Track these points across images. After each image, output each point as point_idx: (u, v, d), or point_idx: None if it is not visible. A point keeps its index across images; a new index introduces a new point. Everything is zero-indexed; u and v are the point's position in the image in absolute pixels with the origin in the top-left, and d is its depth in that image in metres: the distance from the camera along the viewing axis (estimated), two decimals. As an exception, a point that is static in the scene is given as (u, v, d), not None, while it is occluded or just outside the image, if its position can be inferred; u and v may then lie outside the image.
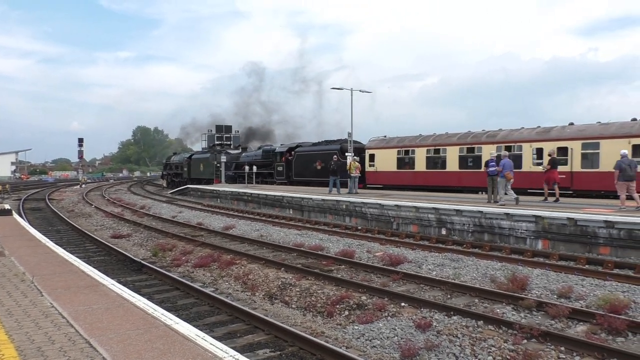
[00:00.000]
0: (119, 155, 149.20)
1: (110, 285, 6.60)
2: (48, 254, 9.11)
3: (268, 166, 36.35)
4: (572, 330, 6.83)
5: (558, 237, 12.70)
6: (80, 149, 50.41)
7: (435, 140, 25.27)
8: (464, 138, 23.88)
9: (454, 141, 24.11)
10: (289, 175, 33.92)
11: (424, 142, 25.73)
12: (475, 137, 23.44)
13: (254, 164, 37.92)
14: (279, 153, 35.31)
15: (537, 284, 9.04)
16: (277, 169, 34.98)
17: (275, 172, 35.22)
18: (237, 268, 10.97)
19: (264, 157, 37.55)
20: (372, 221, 18.13)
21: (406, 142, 26.77)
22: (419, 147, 25.67)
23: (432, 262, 11.19)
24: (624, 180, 13.48)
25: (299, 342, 6.33)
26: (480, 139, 23.10)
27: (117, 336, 4.53)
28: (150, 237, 16.06)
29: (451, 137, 24.58)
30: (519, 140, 21.60)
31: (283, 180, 34.27)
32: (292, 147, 34.81)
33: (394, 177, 26.80)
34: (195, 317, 7.62)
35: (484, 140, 22.80)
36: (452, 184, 23.65)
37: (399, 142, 27.21)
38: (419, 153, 25.57)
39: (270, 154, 36.76)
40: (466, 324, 6.98)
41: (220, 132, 52.36)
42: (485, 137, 22.95)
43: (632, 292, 8.36)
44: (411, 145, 26.21)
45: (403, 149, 26.58)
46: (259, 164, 36.97)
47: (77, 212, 24.88)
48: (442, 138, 25.02)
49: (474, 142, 23.28)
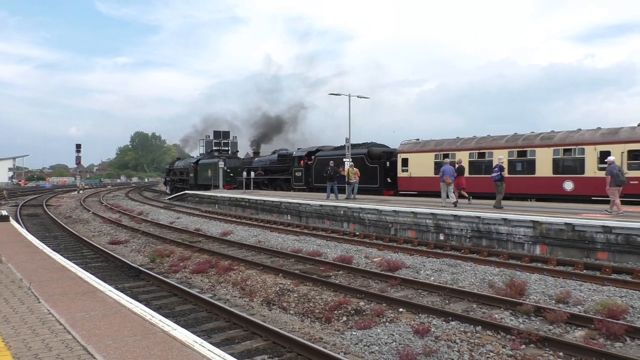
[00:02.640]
0: (116, 161, 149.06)
1: (107, 292, 6.59)
2: (45, 260, 9.08)
3: (284, 171, 34.85)
4: (570, 335, 6.83)
5: (556, 242, 12.72)
6: (78, 155, 50.30)
7: (479, 143, 23.29)
8: (513, 141, 22.00)
9: (501, 144, 22.26)
10: (308, 181, 31.87)
11: (465, 145, 23.75)
12: (527, 139, 21.46)
13: (268, 169, 36.75)
14: (297, 157, 33.22)
15: (535, 289, 9.04)
16: (295, 174, 32.92)
17: (293, 177, 33.24)
18: (235, 274, 10.95)
19: (280, 162, 35.77)
20: (370, 227, 18.12)
21: (444, 145, 24.82)
22: (460, 150, 23.56)
23: (430, 267, 11.19)
24: (616, 186, 13.78)
25: (297, 348, 6.31)
26: (533, 141, 21.05)
27: (114, 343, 4.52)
28: (148, 243, 16.03)
29: (497, 139, 22.78)
30: (580, 142, 19.56)
31: (301, 186, 32.33)
32: (311, 152, 32.73)
33: (430, 183, 24.19)
34: (193, 323, 7.59)
35: (538, 143, 20.77)
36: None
37: (436, 146, 25.25)
38: (460, 157, 23.00)
39: (287, 159, 34.96)
40: (464, 330, 6.98)
41: (218, 138, 52.30)
42: (539, 139, 20.93)
43: (630, 297, 8.37)
44: (451, 149, 24.18)
45: (441, 152, 24.43)
46: (274, 169, 35.89)
47: (74, 218, 24.82)
48: (487, 141, 23.10)
49: (526, 145, 21.25)
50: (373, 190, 27.02)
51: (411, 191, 25.66)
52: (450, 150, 24.18)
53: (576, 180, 18.10)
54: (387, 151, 28.19)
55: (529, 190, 20.33)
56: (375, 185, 27.00)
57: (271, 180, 36.63)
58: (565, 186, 19.52)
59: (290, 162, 34.25)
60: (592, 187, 18.63)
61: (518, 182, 21.05)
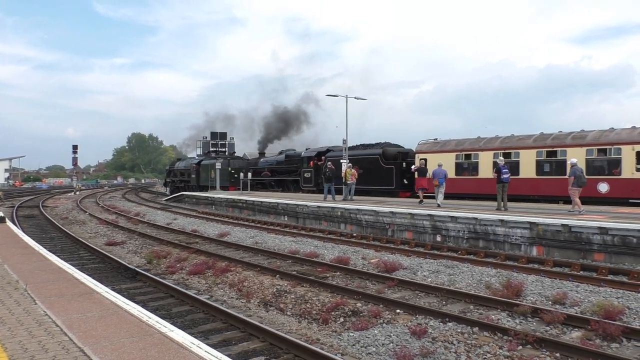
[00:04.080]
0: (113, 162, 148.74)
1: (104, 293, 6.57)
2: (42, 261, 9.06)
3: (292, 172, 33.76)
4: (567, 336, 6.84)
5: (552, 243, 12.75)
6: (75, 156, 50.21)
7: (504, 142, 22.22)
8: (542, 140, 20.94)
9: (528, 144, 21.16)
10: (317, 183, 30.30)
11: (489, 145, 22.68)
12: (557, 139, 20.49)
13: (275, 170, 35.79)
14: (305, 158, 32.09)
15: (532, 290, 9.06)
16: (304, 175, 31.89)
17: (302, 178, 32.24)
18: (232, 275, 10.94)
19: (288, 162, 34.72)
20: (367, 228, 18.13)
21: (466, 145, 23.73)
22: (484, 150, 22.54)
23: (427, 268, 11.20)
24: (577, 187, 14.67)
25: (295, 349, 6.31)
26: (564, 141, 20.06)
27: (111, 344, 4.51)
28: (144, 244, 16.00)
29: (524, 139, 21.71)
30: (616, 142, 18.61)
31: (311, 187, 31.33)
32: (321, 152, 31.60)
33: (451, 184, 22.61)
34: (190, 325, 7.58)
35: (570, 143, 19.76)
36: (526, 193, 20.56)
37: (457, 145, 24.16)
38: (483, 157, 22.39)
39: (295, 159, 33.82)
40: (461, 331, 6.99)
41: (215, 139, 52.24)
42: (571, 139, 19.94)
43: (627, 298, 8.40)
44: (473, 149, 23.15)
45: (463, 152, 23.50)
46: (281, 170, 34.91)
47: (71, 220, 24.75)
48: (513, 140, 22.07)
49: (556, 144, 20.24)
50: (389, 192, 25.97)
51: (430, 193, 23.42)
52: (472, 150, 23.21)
53: (612, 182, 17.36)
54: (402, 151, 27.22)
55: (560, 192, 19.12)
56: (391, 186, 25.89)
57: (278, 181, 35.53)
58: (600, 188, 18.59)
59: (298, 162, 33.20)
60: (630, 189, 17.89)
61: (547, 183, 20.20)
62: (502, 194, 16.29)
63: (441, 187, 18.44)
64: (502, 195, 16.29)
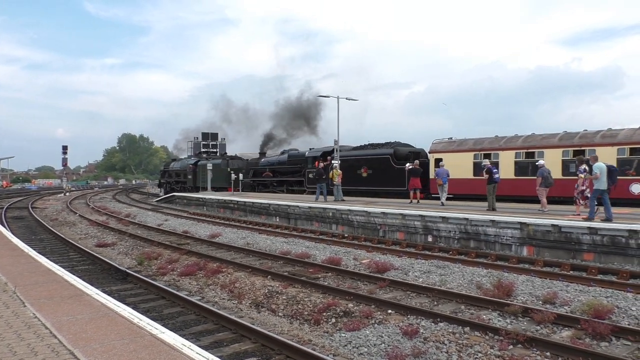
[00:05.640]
0: (104, 163, 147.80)
1: (94, 295, 6.52)
2: (31, 263, 8.97)
3: (295, 173, 32.65)
4: (557, 335, 6.89)
5: (543, 243, 12.84)
6: (65, 157, 49.81)
7: (527, 141, 21.26)
8: (568, 139, 20.01)
9: (554, 143, 20.23)
10: None
11: (511, 144, 21.70)
12: (584, 137, 19.57)
13: (277, 170, 34.87)
14: (310, 158, 30.78)
15: (522, 290, 9.11)
16: (309, 175, 30.50)
17: (306, 179, 31.17)
18: (223, 276, 10.90)
19: (291, 162, 33.54)
20: (359, 228, 18.15)
21: (485, 144, 22.73)
22: (505, 150, 21.55)
23: (418, 269, 11.23)
24: (545, 187, 15.43)
25: (286, 351, 6.30)
26: (593, 140, 19.15)
27: (101, 346, 4.47)
28: (135, 245, 15.90)
29: (548, 138, 20.74)
30: None
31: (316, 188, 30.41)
32: (327, 152, 30.18)
33: (469, 185, 22.43)
34: (181, 326, 7.54)
35: (599, 142, 18.84)
36: (551, 194, 19.03)
37: (475, 145, 23.13)
38: (504, 157, 21.40)
39: (299, 159, 32.59)
40: (453, 331, 7.01)
41: (207, 140, 52.07)
42: (600, 137, 19.05)
43: (616, 298, 8.47)
44: (493, 148, 22.12)
45: (481, 152, 22.38)
46: (284, 170, 33.88)
47: (60, 221, 24.55)
48: (536, 139, 21.09)
49: (584, 143, 19.26)
50: (401, 193, 24.66)
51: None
52: (492, 149, 22.17)
53: None
54: (414, 151, 26.34)
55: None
56: (403, 187, 24.27)
57: (281, 182, 34.42)
58: (633, 189, 17.83)
59: (302, 162, 32.03)
60: None
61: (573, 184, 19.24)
62: (493, 194, 16.44)
63: (444, 187, 19.07)
64: (493, 196, 16.44)
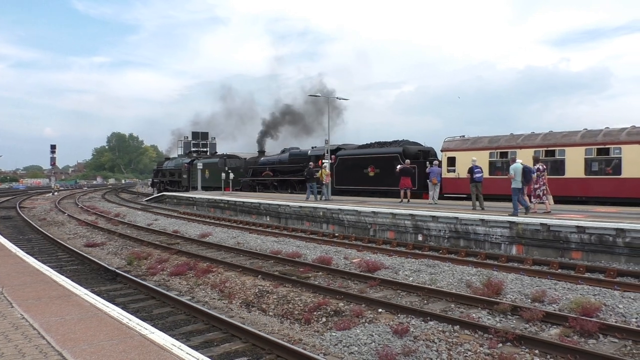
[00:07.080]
0: (93, 162, 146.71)
1: (83, 295, 6.47)
2: (18, 263, 8.88)
3: (297, 172, 31.37)
4: (545, 333, 6.95)
5: (532, 242, 12.94)
6: (53, 156, 49.37)
7: (547, 139, 20.38)
8: (592, 136, 19.12)
9: (576, 140, 19.37)
10: None
11: (529, 141, 20.83)
12: (609, 135, 18.65)
13: (277, 169, 34.11)
14: (313, 157, 29.95)
15: (511, 288, 9.18)
16: None
17: None
18: (213, 276, 10.87)
19: (292, 161, 32.78)
20: (349, 228, 18.17)
21: (502, 142, 21.81)
22: (523, 148, 20.62)
23: (408, 268, 11.27)
24: None
25: (277, 350, 6.29)
26: (618, 137, 18.26)
27: (90, 347, 4.44)
28: (125, 245, 15.80)
29: (570, 135, 19.89)
30: None
31: (319, 187, 28.74)
32: (331, 150, 28.80)
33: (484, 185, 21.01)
34: (171, 327, 7.51)
35: (625, 140, 17.97)
36: (573, 194, 19.00)
37: (491, 143, 22.21)
38: (522, 155, 19.94)
39: (301, 158, 31.62)
40: (443, 329, 7.05)
41: (197, 139, 51.90)
42: (626, 135, 18.17)
43: (603, 295, 8.57)
44: (509, 147, 21.18)
45: (497, 150, 21.56)
46: (285, 169, 33.20)
47: (49, 221, 24.32)
48: (557, 137, 20.22)
49: (608, 141, 18.43)
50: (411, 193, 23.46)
51: (458, 194, 22.27)
52: (509, 147, 21.24)
53: None
54: (423, 149, 25.75)
55: (612, 193, 18.08)
56: (413, 187, 23.14)
57: (281, 181, 33.79)
58: None
59: (304, 161, 30.60)
60: None
61: (597, 183, 18.66)
62: (477, 193, 16.58)
63: (437, 186, 19.95)
64: (477, 195, 16.59)
